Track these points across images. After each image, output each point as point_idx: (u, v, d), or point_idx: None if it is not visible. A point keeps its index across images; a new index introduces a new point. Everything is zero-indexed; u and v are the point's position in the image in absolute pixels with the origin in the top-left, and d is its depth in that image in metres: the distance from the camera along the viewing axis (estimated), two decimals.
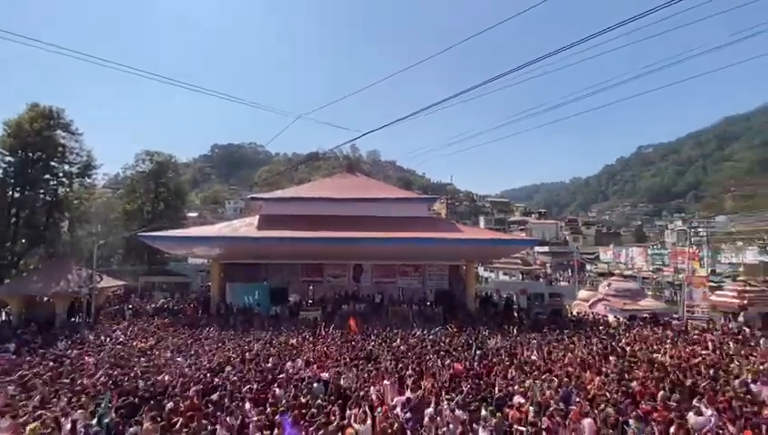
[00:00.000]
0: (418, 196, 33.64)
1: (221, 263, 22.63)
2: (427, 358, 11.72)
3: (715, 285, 25.16)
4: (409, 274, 24.21)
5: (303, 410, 7.52)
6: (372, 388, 9.04)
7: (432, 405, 8.02)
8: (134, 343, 13.90)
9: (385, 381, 9.48)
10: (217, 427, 6.91)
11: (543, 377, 9.94)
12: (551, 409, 7.77)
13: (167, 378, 9.56)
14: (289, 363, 11.20)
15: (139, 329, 16.41)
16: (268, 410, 7.57)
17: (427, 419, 7.49)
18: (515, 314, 21.61)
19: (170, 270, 34.06)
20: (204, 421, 7.04)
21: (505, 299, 24.34)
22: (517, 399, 8.46)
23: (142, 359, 11.66)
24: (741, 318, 20.33)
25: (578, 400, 8.47)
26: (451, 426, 7.18)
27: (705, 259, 32.39)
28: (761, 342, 15.06)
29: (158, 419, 6.99)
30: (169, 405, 7.72)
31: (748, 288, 22.07)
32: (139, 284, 30.09)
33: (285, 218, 21.97)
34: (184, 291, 29.66)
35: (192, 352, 12.56)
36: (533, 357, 12.19)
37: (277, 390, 8.77)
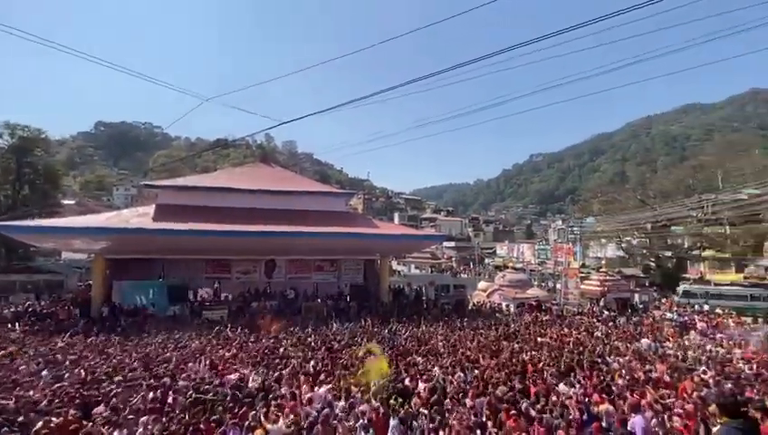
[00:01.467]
0: (336, 190, 33.43)
1: (106, 258, 19.68)
2: (340, 352, 11.83)
3: (584, 275, 29.84)
4: (325, 269, 24.01)
5: (207, 416, 7.00)
6: (284, 387, 8.79)
7: (344, 398, 8.11)
8: None
9: (299, 378, 9.32)
10: None
11: (447, 362, 10.77)
12: (452, 390, 8.50)
13: (34, 394, 8.02)
14: (190, 365, 10.33)
15: None
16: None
17: (339, 412, 7.56)
18: (424, 306, 22.96)
19: (37, 267, 28.55)
20: None
21: (416, 291, 25.71)
22: (422, 385, 9.02)
23: None
24: (602, 302, 24.51)
25: (474, 383, 9.35)
26: (364, 418, 7.35)
27: (578, 254, 38.20)
28: (618, 321, 18.41)
29: None
30: (38, 425, 6.52)
31: (607, 278, 26.69)
32: None
33: (187, 209, 19.96)
34: (56, 291, 25.17)
35: (66, 361, 10.75)
36: (439, 345, 13.12)
37: (172, 397, 7.98)
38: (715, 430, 3.73)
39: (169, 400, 7.90)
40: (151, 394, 8.12)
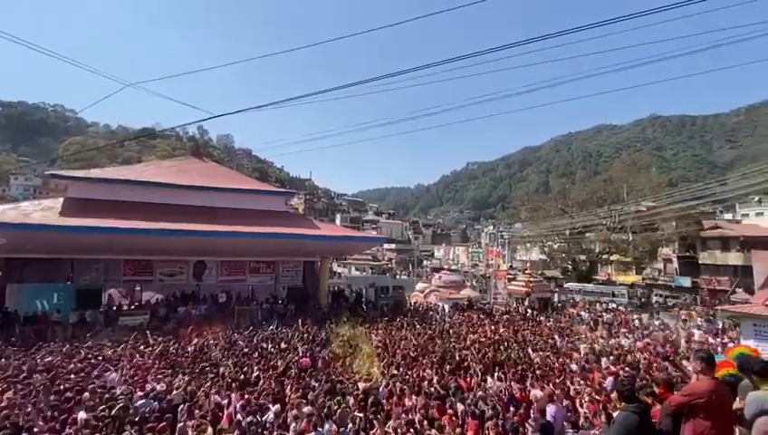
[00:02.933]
0: (275, 189, 32.29)
1: (2, 258, 16.95)
2: (273, 356, 11.44)
3: (511, 277, 32.09)
4: (261, 271, 23.00)
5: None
6: (210, 396, 8.26)
7: (277, 404, 7.85)
8: None
9: (229, 385, 8.82)
10: None
11: (384, 363, 10.92)
12: (386, 390, 8.66)
13: None
14: (106, 377, 9.28)
15: None
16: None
17: (272, 417, 7.30)
18: (364, 307, 23.02)
19: None
20: None
21: (356, 293, 25.69)
22: (361, 385, 9.06)
23: None
24: (527, 302, 26.52)
25: (409, 379, 9.59)
26: (297, 422, 7.17)
27: (506, 257, 40.98)
28: (539, 319, 20.02)
29: None
30: None
31: (531, 279, 28.95)
32: None
33: (104, 204, 17.91)
34: None
35: None
36: (377, 345, 13.25)
37: (81, 414, 7.10)
38: (615, 414, 4.24)
39: (73, 417, 7.01)
40: (52, 411, 7.16)
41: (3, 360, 10.55)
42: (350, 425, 7.02)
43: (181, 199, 20.06)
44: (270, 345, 13.05)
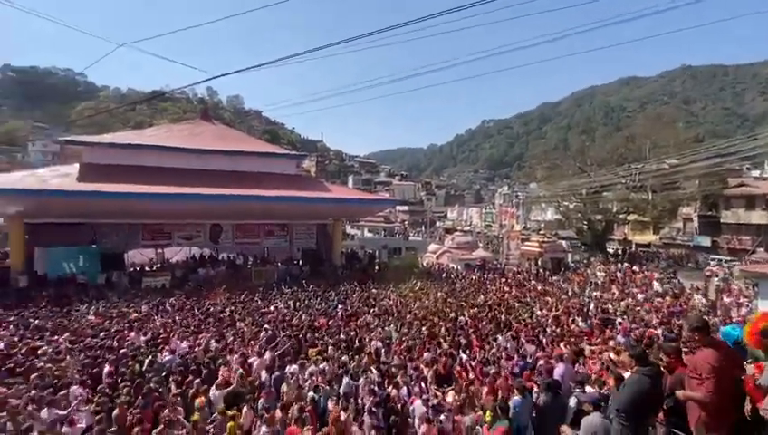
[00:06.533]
0: (287, 152, 32.04)
1: (25, 222, 17.60)
2: (290, 316, 11.87)
3: (525, 237, 31.93)
4: (276, 233, 23.37)
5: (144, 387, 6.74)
6: (231, 354, 8.67)
7: (296, 362, 8.18)
8: None
9: (250, 345, 9.23)
10: (32, 422, 5.65)
11: (397, 322, 11.22)
12: (401, 346, 8.94)
13: None
14: (132, 335, 9.83)
15: None
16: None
17: (289, 374, 7.65)
18: (377, 268, 23.44)
19: None
20: (19, 417, 5.65)
21: (369, 254, 26.09)
22: (374, 344, 9.36)
23: None
24: (539, 262, 26.52)
25: (422, 337, 9.85)
26: (314, 378, 7.51)
27: (520, 217, 40.63)
28: (551, 279, 20.09)
29: None
30: None
31: (545, 239, 28.75)
32: None
33: (118, 169, 18.13)
34: None
35: None
36: (390, 305, 13.58)
37: (107, 367, 7.58)
38: (626, 374, 4.23)
39: (105, 372, 7.49)
40: (84, 368, 7.67)
41: (37, 320, 11.21)
42: (363, 380, 7.32)
43: (194, 163, 20.13)
44: (287, 304, 13.53)
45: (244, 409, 6.27)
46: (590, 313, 12.90)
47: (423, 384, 7.14)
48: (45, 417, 5.82)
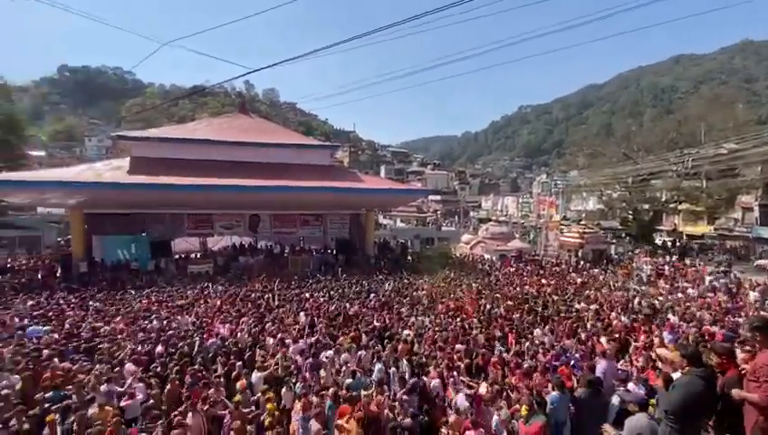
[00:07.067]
0: (320, 143, 32.52)
1: (84, 213, 19.10)
2: (325, 304, 12.15)
3: (565, 226, 30.71)
4: (310, 223, 23.93)
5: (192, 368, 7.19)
6: (270, 338, 9.03)
7: (331, 348, 8.39)
8: None
9: (287, 330, 9.57)
10: (94, 395, 6.21)
11: (429, 312, 11.21)
12: (434, 336, 8.95)
13: (5, 351, 7.97)
14: (180, 319, 10.47)
15: None
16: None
17: (324, 360, 7.87)
18: (409, 258, 23.45)
19: (10, 222, 27.64)
20: (83, 391, 6.25)
21: (401, 244, 26.13)
22: (406, 332, 9.42)
23: None
24: (579, 253, 25.46)
25: (455, 328, 9.78)
26: (349, 364, 7.68)
27: (560, 207, 39.07)
28: (593, 271, 19.25)
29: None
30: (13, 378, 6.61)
31: (586, 230, 27.51)
32: None
33: (164, 162, 19.15)
34: (33, 247, 24.68)
35: (51, 316, 10.75)
36: (422, 295, 13.58)
37: (160, 348, 8.12)
38: (676, 375, 3.99)
39: (156, 352, 8.04)
40: (139, 347, 8.27)
41: (97, 303, 12.19)
42: (394, 368, 7.39)
43: (233, 155, 20.87)
44: (322, 292, 13.88)
45: (283, 390, 6.53)
46: (634, 307, 12.26)
47: (456, 375, 7.11)
48: (105, 390, 6.39)
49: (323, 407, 5.78)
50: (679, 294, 14.70)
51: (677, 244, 32.69)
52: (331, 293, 13.80)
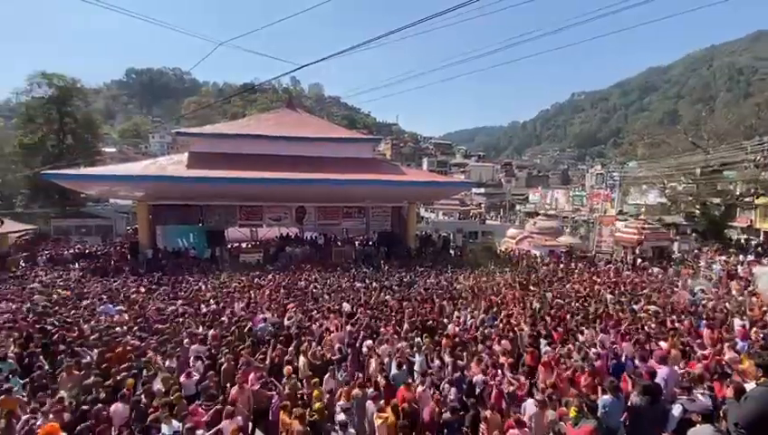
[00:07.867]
0: (363, 136, 32.89)
1: (149, 204, 20.85)
2: (367, 294, 12.34)
3: (622, 221, 28.70)
4: (353, 215, 24.36)
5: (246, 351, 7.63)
6: (315, 325, 9.36)
7: (372, 338, 8.53)
8: (57, 291, 12.75)
9: (330, 318, 9.88)
10: (158, 370, 6.84)
11: (472, 307, 11.01)
12: (476, 332, 8.79)
13: (85, 327, 8.93)
14: (236, 305, 11.14)
15: (59, 276, 15.05)
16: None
17: (365, 349, 8.03)
18: (451, 252, 23.14)
19: (88, 212, 30.80)
20: (150, 366, 6.92)
21: (443, 238, 25.84)
22: (451, 327, 9.34)
23: (64, 308, 10.78)
24: (637, 250, 23.71)
25: (499, 324, 9.53)
26: (390, 354, 7.77)
27: (615, 200, 36.52)
28: (652, 270, 17.89)
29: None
30: (87, 355, 7.40)
31: (645, 226, 25.51)
32: (51, 227, 27.06)
33: (219, 157, 20.38)
34: (106, 235, 27.33)
35: (122, 298, 11.90)
36: (464, 290, 13.36)
37: (211, 331, 8.70)
38: (750, 386, 3.63)
39: (210, 335, 8.62)
40: (199, 329, 8.93)
41: (161, 287, 13.30)
42: (437, 362, 7.37)
43: (281, 150, 21.70)
44: (364, 284, 14.12)
45: (326, 376, 6.77)
46: (699, 310, 11.23)
47: (500, 371, 6.95)
48: (168, 365, 7.01)
49: (365, 395, 5.91)
50: (753, 299, 13.24)
51: (753, 242, 29.43)
52: (374, 284, 13.99)
